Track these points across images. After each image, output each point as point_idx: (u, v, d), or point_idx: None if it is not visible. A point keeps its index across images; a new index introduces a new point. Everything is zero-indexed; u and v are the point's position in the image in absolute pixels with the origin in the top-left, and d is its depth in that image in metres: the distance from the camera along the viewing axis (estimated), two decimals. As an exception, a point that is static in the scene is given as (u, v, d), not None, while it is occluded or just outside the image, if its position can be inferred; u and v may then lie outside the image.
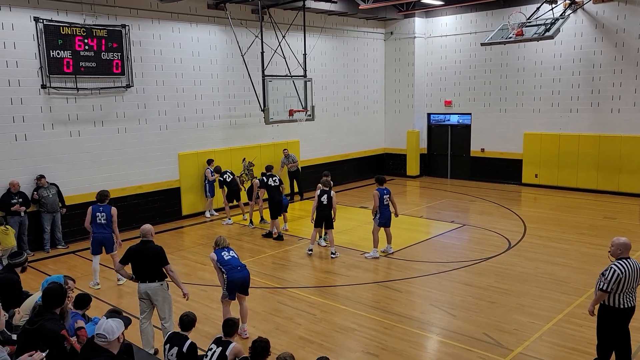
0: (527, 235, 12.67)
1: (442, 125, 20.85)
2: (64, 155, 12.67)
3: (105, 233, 9.77)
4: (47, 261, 11.60)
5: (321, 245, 12.10)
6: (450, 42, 19.86)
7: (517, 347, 7.22)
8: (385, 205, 11.19)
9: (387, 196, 11.21)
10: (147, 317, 7.20)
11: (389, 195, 11.26)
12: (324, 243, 12.14)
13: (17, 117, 11.86)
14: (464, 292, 9.28)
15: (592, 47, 16.77)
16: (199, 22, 14.99)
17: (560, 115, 17.63)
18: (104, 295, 9.42)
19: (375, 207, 11.17)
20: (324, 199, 11.46)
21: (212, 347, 5.50)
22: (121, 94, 13.52)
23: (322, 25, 18.17)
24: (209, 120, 15.47)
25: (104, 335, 4.21)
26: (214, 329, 7.76)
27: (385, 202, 11.18)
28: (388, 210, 11.26)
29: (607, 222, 13.69)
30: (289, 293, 9.43)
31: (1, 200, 11.53)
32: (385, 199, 11.17)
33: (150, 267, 7.06)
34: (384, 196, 11.14)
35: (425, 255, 11.45)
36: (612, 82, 16.53)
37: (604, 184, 16.92)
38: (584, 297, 8.83)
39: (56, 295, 5.07)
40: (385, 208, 11.21)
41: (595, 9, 16.51)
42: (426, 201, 17.17)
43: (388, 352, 7.22)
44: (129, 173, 13.84)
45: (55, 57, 12.13)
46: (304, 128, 17.74)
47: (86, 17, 12.63)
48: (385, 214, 11.19)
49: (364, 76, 20.52)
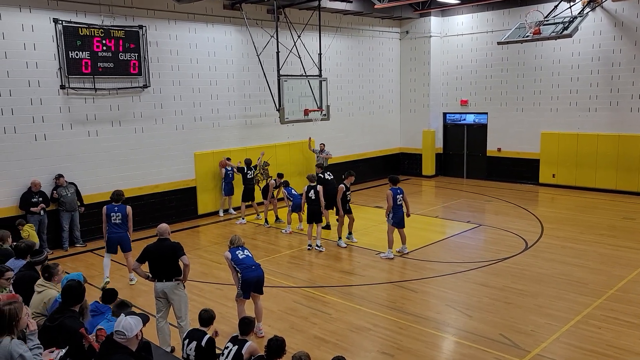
0: (544, 235, 12.54)
1: (458, 125, 20.72)
2: (82, 154, 12.84)
3: (121, 232, 9.94)
4: (66, 259, 11.75)
5: (341, 246, 12.09)
6: (467, 41, 19.73)
7: (534, 349, 7.15)
8: (398, 206, 11.14)
9: (400, 196, 11.15)
10: (163, 315, 7.27)
11: (402, 195, 11.20)
12: (344, 244, 12.14)
13: (37, 117, 12.04)
14: (480, 292, 9.22)
15: (611, 46, 16.54)
16: (214, 22, 15.08)
17: (579, 115, 17.42)
18: (122, 294, 9.49)
19: (389, 208, 11.12)
20: (312, 194, 11.69)
21: (229, 346, 5.55)
22: (138, 94, 13.66)
23: (338, 24, 18.16)
24: (224, 120, 15.56)
25: (123, 332, 4.26)
26: (229, 327, 7.81)
27: (398, 202, 11.12)
28: (401, 210, 11.20)
29: (626, 222, 13.50)
30: (304, 292, 9.45)
31: (22, 199, 11.73)
32: (398, 199, 11.12)
33: (167, 265, 7.12)
34: (397, 196, 11.10)
35: (440, 255, 11.40)
36: (631, 81, 16.29)
37: (623, 184, 16.68)
38: (602, 298, 8.73)
39: (75, 292, 5.15)
40: (399, 208, 11.15)
41: (614, 6, 16.28)
42: (442, 201, 17.08)
43: (403, 352, 7.20)
44: (146, 172, 13.97)
45: (74, 58, 12.29)
46: (319, 128, 17.75)
47: (104, 18, 12.78)
48: (398, 214, 11.13)
49: (379, 75, 20.47)
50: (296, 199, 13.42)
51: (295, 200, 13.41)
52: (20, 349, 4.16)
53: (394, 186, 11.21)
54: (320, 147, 17.50)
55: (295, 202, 13.39)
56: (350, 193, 12.24)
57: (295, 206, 13.41)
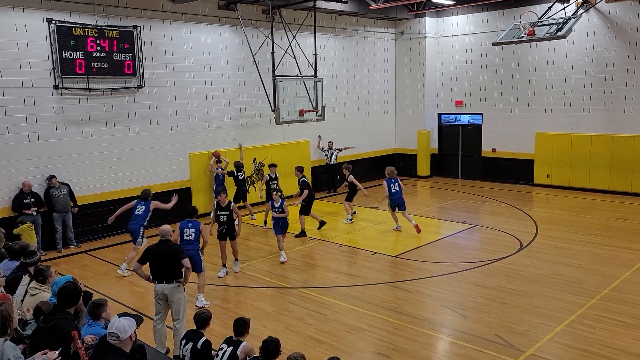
0: (538, 236, 12.58)
1: (453, 126, 20.76)
2: (76, 155, 12.77)
3: (135, 226, 10.65)
4: (60, 260, 11.69)
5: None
6: (462, 42, 19.77)
7: (528, 349, 7.17)
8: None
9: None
10: (161, 318, 7.25)
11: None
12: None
13: (30, 117, 11.97)
14: (475, 292, 9.23)
15: (604, 47, 16.62)
16: (209, 22, 15.05)
17: (573, 115, 17.49)
18: (117, 296, 9.48)
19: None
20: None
21: (223, 347, 5.52)
22: (132, 95, 13.61)
23: (333, 25, 18.17)
24: (219, 120, 15.53)
25: (116, 333, 4.23)
26: (224, 328, 7.78)
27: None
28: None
29: (619, 223, 13.56)
30: (300, 293, 9.44)
31: (14, 201, 11.64)
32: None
33: (168, 266, 7.10)
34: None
35: (436, 255, 11.41)
36: (625, 82, 16.37)
37: (617, 185, 16.76)
38: (596, 298, 8.75)
39: (70, 294, 5.11)
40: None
41: (607, 8, 16.36)
42: (437, 201, 17.10)
43: (399, 352, 7.20)
44: (140, 173, 13.92)
45: (68, 58, 12.23)
46: (315, 128, 17.75)
47: (98, 18, 12.73)
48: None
49: (374, 76, 20.48)
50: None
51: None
52: (11, 353, 4.13)
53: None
54: (328, 145, 17.78)
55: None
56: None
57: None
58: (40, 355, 4.23)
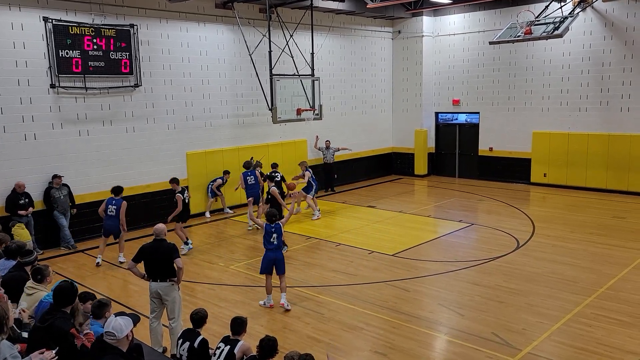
0: (535, 234, 12.61)
1: (450, 124, 20.78)
2: (73, 154, 12.74)
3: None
4: (57, 259, 11.66)
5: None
6: (459, 41, 19.78)
7: (525, 347, 7.19)
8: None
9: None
10: (157, 316, 7.24)
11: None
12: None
13: (26, 116, 11.94)
14: (472, 291, 9.25)
15: (601, 46, 16.65)
16: (206, 21, 15.02)
17: (569, 114, 17.52)
18: (113, 295, 9.46)
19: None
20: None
21: (220, 346, 5.52)
22: (129, 94, 13.59)
23: (330, 24, 18.16)
24: (216, 119, 15.51)
25: (113, 333, 4.23)
26: (222, 327, 7.78)
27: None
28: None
29: (616, 221, 13.60)
30: (297, 292, 9.44)
31: (8, 201, 11.52)
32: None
33: (162, 265, 7.10)
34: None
35: (433, 254, 11.43)
36: (621, 81, 16.41)
37: (613, 184, 16.80)
38: (592, 297, 8.78)
39: (66, 293, 5.10)
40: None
41: (604, 7, 16.39)
42: (434, 200, 17.12)
43: (396, 351, 7.21)
44: (138, 172, 13.90)
45: (64, 57, 12.20)
46: (312, 127, 17.74)
47: (95, 17, 12.70)
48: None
49: (371, 75, 20.48)
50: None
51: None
52: (8, 352, 4.12)
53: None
54: (326, 144, 17.82)
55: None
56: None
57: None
58: (37, 355, 4.22)
